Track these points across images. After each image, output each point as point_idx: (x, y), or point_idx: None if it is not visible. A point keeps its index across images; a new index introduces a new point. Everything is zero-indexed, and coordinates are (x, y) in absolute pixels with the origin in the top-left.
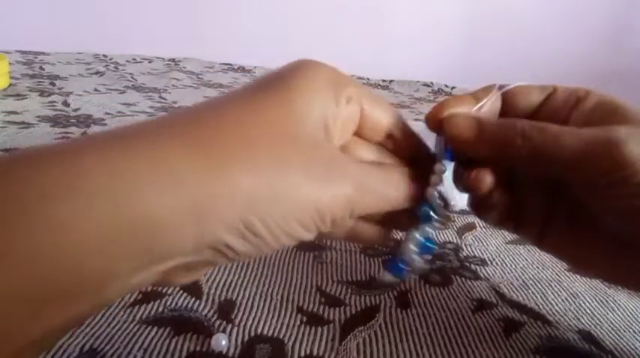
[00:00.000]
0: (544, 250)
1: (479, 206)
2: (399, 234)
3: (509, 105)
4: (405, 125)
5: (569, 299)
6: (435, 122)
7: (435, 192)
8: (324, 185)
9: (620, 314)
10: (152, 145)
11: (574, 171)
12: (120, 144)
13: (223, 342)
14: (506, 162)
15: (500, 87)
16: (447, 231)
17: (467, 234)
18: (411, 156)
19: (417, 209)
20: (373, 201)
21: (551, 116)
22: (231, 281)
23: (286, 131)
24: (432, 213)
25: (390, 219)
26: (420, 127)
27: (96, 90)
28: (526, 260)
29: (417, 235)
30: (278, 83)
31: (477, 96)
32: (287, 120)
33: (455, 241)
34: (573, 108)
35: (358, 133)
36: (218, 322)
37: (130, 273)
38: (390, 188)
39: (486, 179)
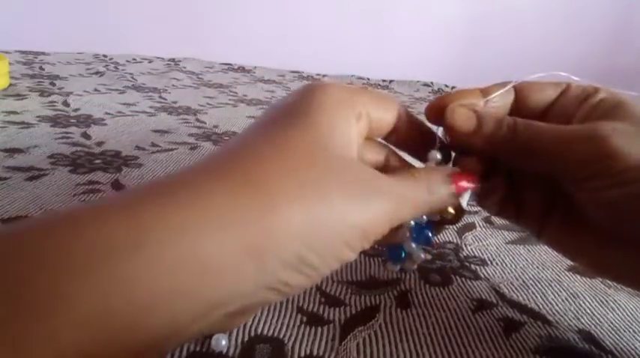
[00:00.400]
0: (543, 242)
1: (479, 194)
2: None
3: (521, 101)
4: (408, 116)
5: (569, 299)
6: (437, 112)
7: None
8: (365, 205)
9: (620, 314)
10: (199, 191)
11: (555, 165)
12: (171, 197)
13: (223, 342)
14: (499, 157)
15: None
16: (446, 231)
17: (467, 234)
18: (418, 142)
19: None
20: (409, 210)
21: (563, 112)
22: None
23: (318, 157)
24: None
25: None
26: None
27: (96, 90)
28: (526, 260)
29: (413, 223)
30: (297, 113)
31: (486, 91)
32: (316, 146)
33: (455, 241)
34: (580, 105)
35: (368, 135)
36: None
37: (191, 324)
38: (422, 193)
39: (475, 168)
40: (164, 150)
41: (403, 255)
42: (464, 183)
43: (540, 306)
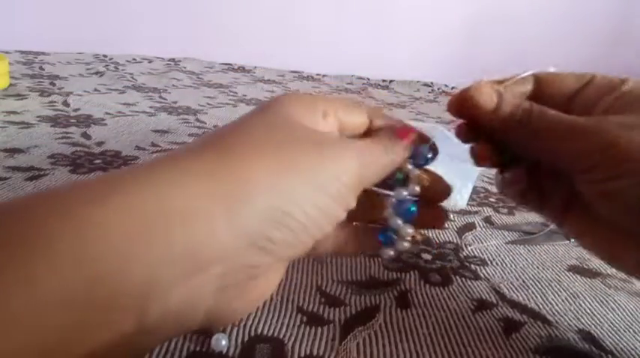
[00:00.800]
0: (565, 233)
1: (502, 181)
2: None
3: (542, 91)
4: (383, 117)
5: (569, 299)
6: (461, 100)
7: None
8: (337, 156)
9: (620, 314)
10: (168, 157)
11: (559, 154)
12: (143, 164)
13: (223, 342)
14: (512, 142)
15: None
16: (446, 231)
17: (467, 234)
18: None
19: (392, 177)
20: (375, 166)
21: (585, 104)
22: None
23: (287, 128)
24: (409, 168)
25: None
26: (419, 125)
27: (96, 90)
28: (526, 260)
29: (393, 199)
30: (265, 109)
31: (504, 82)
32: (284, 122)
33: (455, 241)
34: (603, 97)
35: None
36: None
37: (171, 283)
38: (380, 151)
39: (486, 152)
40: (164, 150)
41: (394, 235)
42: (410, 136)
43: (540, 306)
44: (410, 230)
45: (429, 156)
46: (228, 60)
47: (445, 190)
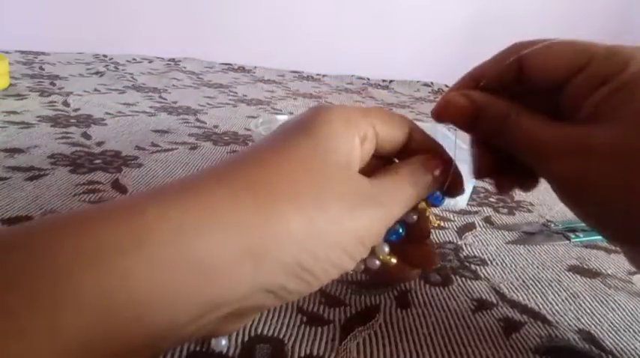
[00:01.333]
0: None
1: (498, 185)
2: None
3: (529, 76)
4: (418, 132)
5: (569, 299)
6: (439, 112)
7: None
8: (362, 213)
9: (620, 314)
10: (201, 193)
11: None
12: (174, 198)
13: (223, 342)
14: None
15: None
16: (447, 231)
17: (467, 233)
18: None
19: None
20: (400, 209)
21: (577, 94)
22: None
23: (319, 167)
24: None
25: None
26: (419, 125)
27: (96, 90)
28: (526, 260)
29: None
30: (303, 129)
31: (482, 72)
32: (317, 157)
33: (455, 241)
34: (598, 88)
35: (377, 153)
36: None
37: (188, 323)
38: (408, 189)
39: (488, 164)
40: (164, 150)
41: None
42: (440, 166)
43: (540, 306)
44: (386, 248)
45: (442, 197)
46: (228, 60)
47: (427, 231)
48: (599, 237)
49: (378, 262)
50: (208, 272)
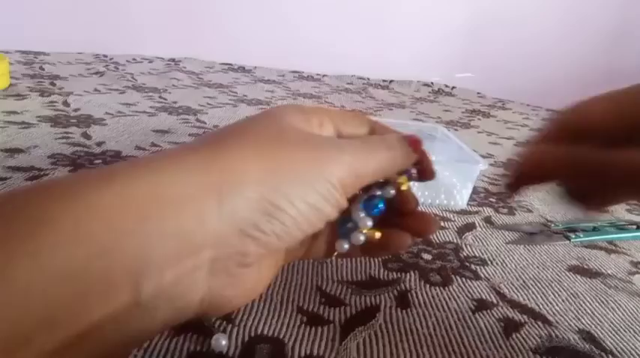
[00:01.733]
0: None
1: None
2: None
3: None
4: (381, 127)
5: (569, 299)
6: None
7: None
8: (327, 156)
9: (620, 314)
10: (164, 152)
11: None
12: (141, 158)
13: (223, 342)
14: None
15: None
16: (447, 231)
17: (467, 234)
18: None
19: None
20: (374, 163)
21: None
22: None
23: (277, 128)
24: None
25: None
26: (419, 125)
27: (96, 90)
28: (526, 260)
29: (365, 196)
30: (264, 114)
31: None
32: (276, 124)
33: (455, 241)
34: None
35: None
36: (218, 322)
37: (163, 262)
38: (383, 148)
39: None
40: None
41: (350, 224)
42: (419, 148)
43: (540, 306)
44: (369, 222)
45: (414, 172)
46: (228, 60)
47: (414, 199)
48: (600, 237)
49: (362, 237)
50: (173, 205)
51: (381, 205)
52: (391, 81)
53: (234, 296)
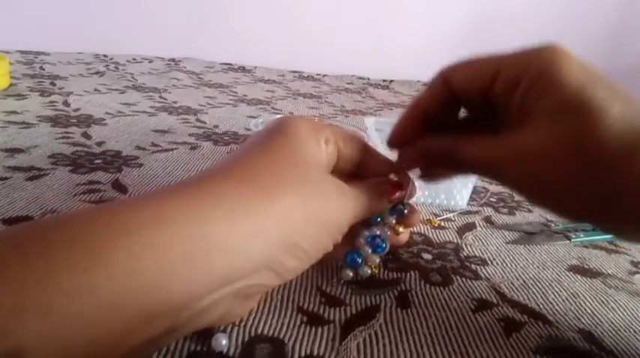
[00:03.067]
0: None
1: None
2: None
3: (458, 93)
4: (372, 152)
5: (569, 299)
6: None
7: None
8: (339, 203)
9: (620, 314)
10: (212, 186)
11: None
12: (190, 192)
13: (224, 342)
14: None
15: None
16: (447, 231)
17: (467, 233)
18: (382, 172)
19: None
20: (364, 210)
21: (502, 97)
22: None
23: (298, 162)
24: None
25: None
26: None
27: (96, 90)
28: (526, 260)
29: (366, 232)
30: (278, 134)
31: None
32: (295, 159)
33: (455, 241)
34: (513, 91)
35: (337, 168)
36: None
37: (204, 295)
38: (371, 198)
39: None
40: (164, 150)
41: (360, 259)
42: (395, 194)
43: (541, 306)
44: (377, 260)
45: (405, 211)
46: (228, 60)
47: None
48: (600, 237)
49: (369, 271)
50: (220, 251)
51: (384, 245)
52: (391, 81)
53: (240, 314)
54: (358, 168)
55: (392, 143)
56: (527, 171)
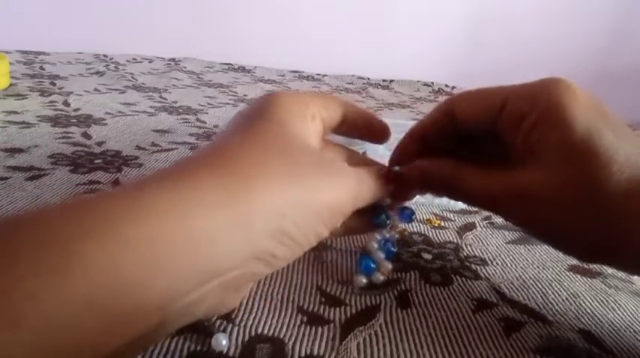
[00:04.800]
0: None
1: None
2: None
3: (460, 119)
4: (355, 110)
5: (569, 299)
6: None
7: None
8: (332, 184)
9: (620, 314)
10: (190, 179)
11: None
12: (167, 184)
13: (224, 342)
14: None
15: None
16: (447, 231)
17: (467, 233)
18: (367, 129)
19: (375, 218)
20: (367, 194)
21: (509, 125)
22: None
23: (286, 146)
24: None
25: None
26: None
27: (96, 90)
28: (526, 260)
29: (378, 237)
30: (262, 114)
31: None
32: (284, 139)
33: (455, 241)
34: (519, 124)
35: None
36: (218, 322)
37: (190, 290)
38: (374, 179)
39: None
40: (164, 150)
41: (373, 264)
42: (393, 180)
43: (541, 306)
44: (390, 266)
45: (413, 216)
46: (228, 60)
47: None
48: None
49: (382, 277)
50: (202, 244)
51: (394, 249)
52: (391, 81)
53: (233, 303)
54: (342, 128)
55: (393, 161)
56: (531, 211)
